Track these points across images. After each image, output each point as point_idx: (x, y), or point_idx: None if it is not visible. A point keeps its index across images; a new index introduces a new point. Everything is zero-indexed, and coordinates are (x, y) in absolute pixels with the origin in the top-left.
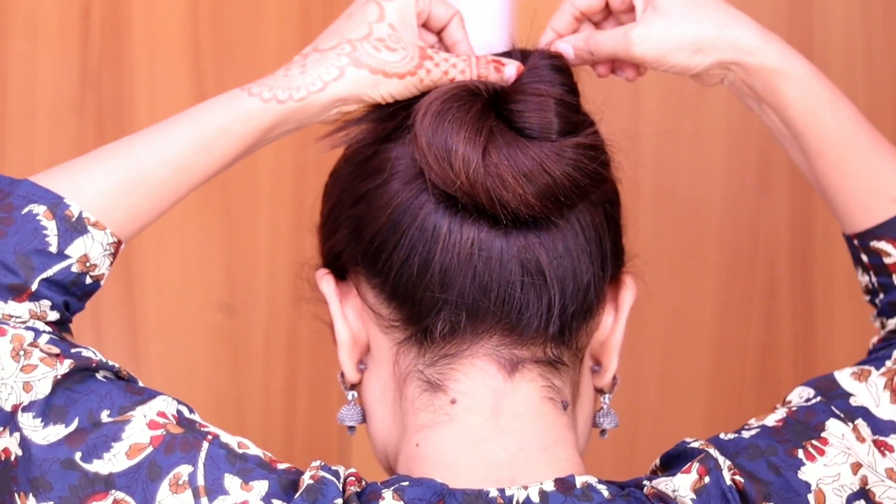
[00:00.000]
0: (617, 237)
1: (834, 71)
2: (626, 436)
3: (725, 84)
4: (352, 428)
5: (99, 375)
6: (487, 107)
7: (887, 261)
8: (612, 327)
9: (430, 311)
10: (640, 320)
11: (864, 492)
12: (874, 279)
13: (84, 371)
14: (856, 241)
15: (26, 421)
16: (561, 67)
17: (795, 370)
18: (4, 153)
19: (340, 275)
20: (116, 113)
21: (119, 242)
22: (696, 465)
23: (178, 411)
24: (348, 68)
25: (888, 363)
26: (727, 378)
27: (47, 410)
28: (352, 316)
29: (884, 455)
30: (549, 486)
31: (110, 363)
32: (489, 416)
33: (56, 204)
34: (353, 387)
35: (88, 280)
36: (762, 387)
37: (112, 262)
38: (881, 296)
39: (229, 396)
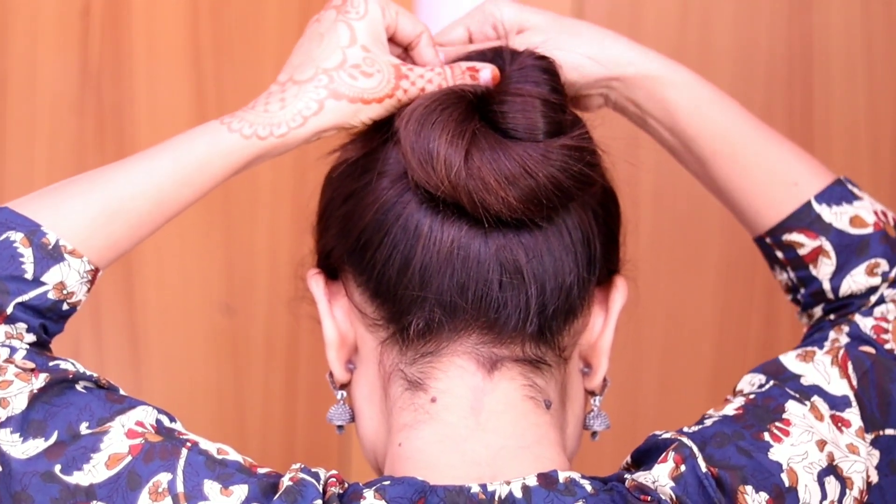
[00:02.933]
0: (609, 240)
1: (834, 71)
2: (627, 435)
3: (610, 106)
4: (340, 427)
5: (78, 386)
6: (471, 109)
7: (802, 252)
8: (601, 329)
9: (410, 310)
10: (640, 320)
11: (832, 468)
12: (792, 275)
13: (62, 383)
14: (768, 240)
15: (4, 436)
16: (549, 68)
17: None
18: (4, 153)
19: (332, 274)
20: (116, 113)
21: (97, 270)
22: (671, 454)
23: (158, 421)
24: (327, 101)
25: (826, 344)
26: (727, 378)
27: (25, 425)
28: (340, 315)
29: (841, 431)
30: (532, 481)
31: (88, 373)
32: (469, 414)
33: (33, 231)
34: (343, 386)
35: (65, 307)
36: None
37: (90, 289)
38: (802, 291)
39: (229, 397)
